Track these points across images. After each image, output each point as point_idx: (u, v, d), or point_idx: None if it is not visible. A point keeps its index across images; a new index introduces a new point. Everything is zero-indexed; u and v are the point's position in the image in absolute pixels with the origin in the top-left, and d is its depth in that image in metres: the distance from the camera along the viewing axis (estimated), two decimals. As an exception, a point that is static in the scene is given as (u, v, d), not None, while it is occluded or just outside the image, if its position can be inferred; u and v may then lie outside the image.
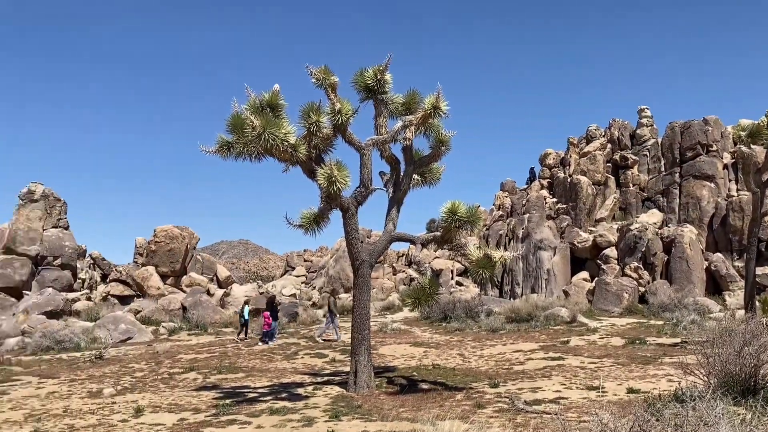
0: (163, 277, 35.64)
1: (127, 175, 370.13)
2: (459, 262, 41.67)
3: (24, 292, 32.24)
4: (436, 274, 40.84)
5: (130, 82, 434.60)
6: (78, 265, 37.96)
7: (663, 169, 40.42)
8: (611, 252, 34.60)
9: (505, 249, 36.56)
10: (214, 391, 14.27)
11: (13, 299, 31.52)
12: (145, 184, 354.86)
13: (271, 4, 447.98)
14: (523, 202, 44.52)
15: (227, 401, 12.77)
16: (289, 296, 40.31)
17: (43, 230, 34.73)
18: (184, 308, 31.00)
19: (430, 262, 44.32)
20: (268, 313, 23.72)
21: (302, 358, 19.68)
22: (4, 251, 33.38)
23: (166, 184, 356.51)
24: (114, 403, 13.14)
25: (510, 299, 34.21)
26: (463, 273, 42.37)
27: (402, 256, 54.12)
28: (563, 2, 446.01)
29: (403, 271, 48.44)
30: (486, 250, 13.38)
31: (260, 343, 22.83)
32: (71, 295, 32.43)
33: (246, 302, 27.94)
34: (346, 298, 38.57)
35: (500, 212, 47.49)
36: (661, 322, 24.31)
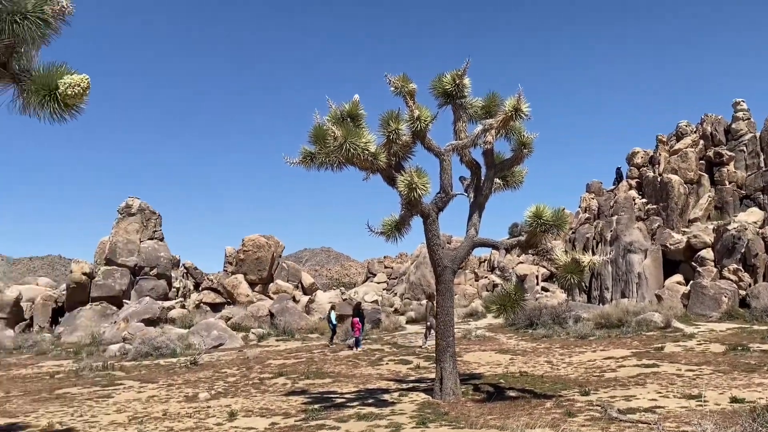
0: (252, 284, 36.84)
1: (216, 187, 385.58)
2: (544, 267, 40.73)
3: (124, 301, 34.20)
4: (521, 279, 40.08)
5: (217, 95, 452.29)
6: (172, 275, 39.89)
7: (762, 164, 38.03)
8: (707, 254, 32.80)
9: (593, 252, 35.42)
10: (302, 396, 14.58)
11: (114, 308, 33.50)
12: (234, 195, 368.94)
13: (348, 17, 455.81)
14: (611, 204, 43.00)
15: (316, 406, 13.01)
16: (371, 303, 40.65)
17: (140, 242, 36.73)
18: (271, 315, 31.89)
19: (513, 268, 43.55)
20: (357, 319, 23.95)
21: (387, 364, 19.78)
22: (105, 263, 35.54)
23: (253, 195, 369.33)
24: (209, 407, 13.66)
25: (599, 305, 33.09)
26: (549, 278, 41.35)
27: (484, 261, 53.47)
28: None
29: (486, 277, 47.85)
30: (574, 255, 13.00)
31: (353, 349, 23.10)
32: (167, 304, 34.07)
33: (332, 308, 28.42)
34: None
35: (587, 214, 46.11)
36: (765, 328, 22.80)
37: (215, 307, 35.80)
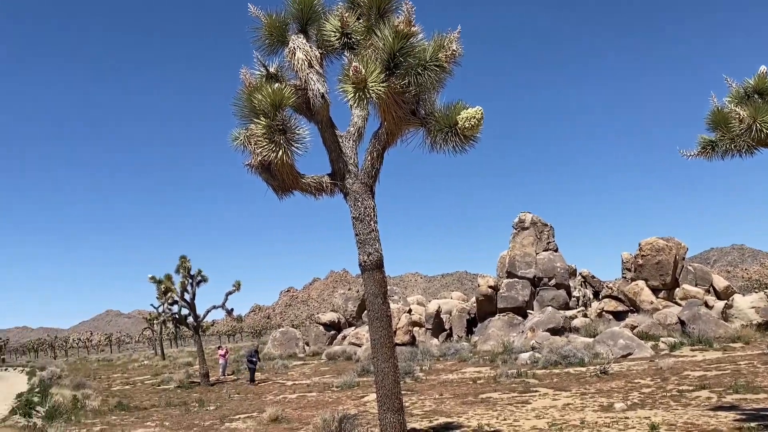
0: (654, 290, 34.71)
1: (607, 192, 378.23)
2: None
3: (528, 311, 35.87)
4: None
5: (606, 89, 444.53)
6: (570, 284, 40.27)
7: None
8: None
9: None
10: (733, 412, 13.00)
11: (519, 318, 35.42)
12: (626, 198, 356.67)
13: None
14: None
15: (752, 424, 11.45)
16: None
17: (536, 254, 38.17)
18: (681, 322, 29.49)
19: None
20: None
21: (842, 379, 16.29)
22: (506, 276, 37.93)
23: (647, 195, 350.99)
24: (627, 417, 13.25)
25: None
26: None
27: None
28: None
29: None
30: None
31: None
32: (569, 313, 34.52)
33: None
34: None
35: None
36: None
37: (617, 316, 34.78)
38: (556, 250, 38.92)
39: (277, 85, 9.49)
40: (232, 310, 31.75)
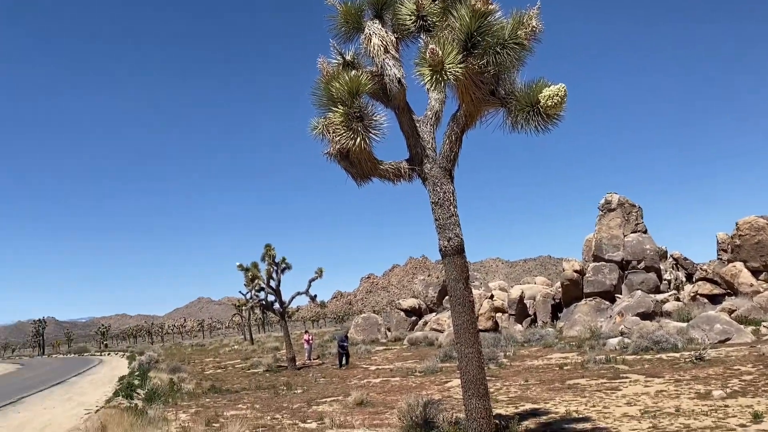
0: (754, 272, 32.68)
1: (698, 170, 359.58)
2: None
3: (616, 295, 34.65)
4: None
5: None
6: (661, 267, 38.57)
7: None
8: None
9: None
10: None
11: (607, 302, 34.31)
12: (722, 175, 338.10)
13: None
14: None
15: None
16: None
17: (624, 236, 36.76)
18: (785, 306, 27.63)
19: None
20: None
21: None
22: (593, 259, 36.76)
23: (745, 171, 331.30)
24: (726, 406, 12.57)
25: None
26: None
27: None
28: None
29: None
30: None
31: None
32: (659, 297, 33.09)
33: None
34: None
35: None
36: None
37: (713, 299, 33.03)
38: (645, 232, 37.33)
39: (353, 72, 9.50)
40: (315, 296, 32.46)
